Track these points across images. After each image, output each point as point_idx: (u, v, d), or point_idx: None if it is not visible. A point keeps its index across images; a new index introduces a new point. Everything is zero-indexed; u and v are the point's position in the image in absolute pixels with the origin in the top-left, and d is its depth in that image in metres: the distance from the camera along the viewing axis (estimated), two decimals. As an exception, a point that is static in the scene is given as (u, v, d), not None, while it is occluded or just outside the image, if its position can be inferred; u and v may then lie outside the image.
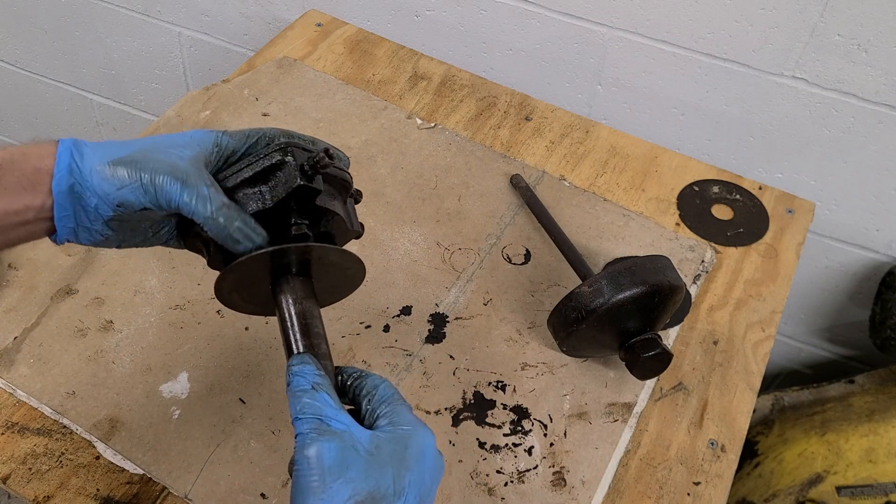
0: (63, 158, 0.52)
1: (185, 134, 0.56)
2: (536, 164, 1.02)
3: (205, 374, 0.77)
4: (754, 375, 0.83)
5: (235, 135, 0.57)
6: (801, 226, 0.99)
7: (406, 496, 0.46)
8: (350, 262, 0.59)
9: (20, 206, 0.51)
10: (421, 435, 0.49)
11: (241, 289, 0.57)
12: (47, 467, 0.70)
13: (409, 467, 0.47)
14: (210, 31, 1.42)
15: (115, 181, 0.51)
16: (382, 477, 0.46)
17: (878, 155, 1.06)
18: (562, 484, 0.73)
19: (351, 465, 0.45)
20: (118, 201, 0.52)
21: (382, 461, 0.46)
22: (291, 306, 0.55)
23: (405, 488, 0.46)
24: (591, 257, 0.91)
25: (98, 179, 0.51)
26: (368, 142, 1.02)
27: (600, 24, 1.10)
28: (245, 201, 0.55)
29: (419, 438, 0.48)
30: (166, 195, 0.51)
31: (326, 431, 0.46)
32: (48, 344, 0.78)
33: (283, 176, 0.55)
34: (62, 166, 0.52)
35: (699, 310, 0.89)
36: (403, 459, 0.47)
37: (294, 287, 0.56)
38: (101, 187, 0.51)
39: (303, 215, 0.56)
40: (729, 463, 0.76)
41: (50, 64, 1.67)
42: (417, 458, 0.47)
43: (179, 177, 0.52)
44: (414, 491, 0.46)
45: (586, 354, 0.82)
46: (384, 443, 0.47)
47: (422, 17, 1.22)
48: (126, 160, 0.52)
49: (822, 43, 0.99)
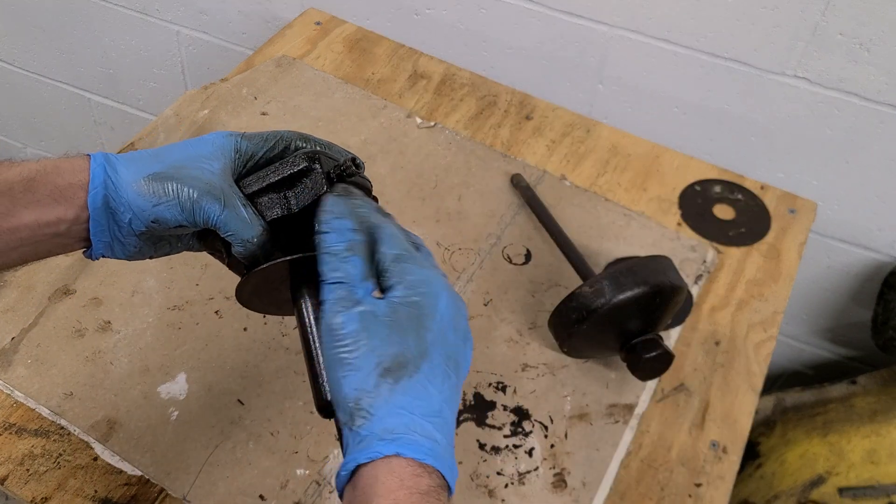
0: (97, 173, 0.52)
1: (207, 141, 0.56)
2: (537, 163, 1.02)
3: (203, 375, 0.77)
4: (756, 376, 0.83)
5: (254, 138, 0.57)
6: (803, 226, 0.98)
7: (430, 356, 0.46)
8: None
9: (52, 218, 0.51)
10: (436, 291, 0.49)
11: (262, 292, 0.59)
12: (45, 468, 0.70)
13: (428, 327, 0.47)
14: (208, 29, 1.42)
15: (152, 198, 0.52)
16: (404, 340, 0.46)
17: (880, 154, 1.05)
18: (562, 485, 0.72)
19: (373, 333, 0.46)
20: (153, 217, 0.52)
21: (402, 326, 0.47)
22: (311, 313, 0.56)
23: (428, 348, 0.47)
24: (592, 257, 0.91)
25: (133, 195, 0.51)
26: (368, 141, 1.02)
27: (601, 22, 1.10)
28: (270, 205, 0.56)
29: (435, 296, 0.48)
30: (204, 214, 0.52)
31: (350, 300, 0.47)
32: (46, 344, 0.78)
33: (309, 182, 0.56)
34: (97, 181, 0.52)
35: (701, 310, 0.88)
36: (420, 319, 0.47)
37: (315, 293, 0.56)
38: (137, 203, 0.52)
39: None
40: (730, 464, 0.76)
41: (48, 63, 1.67)
42: (437, 317, 0.48)
43: (217, 196, 0.52)
44: (438, 350, 0.47)
45: (587, 355, 0.81)
46: (400, 307, 0.47)
47: (421, 15, 1.22)
48: (162, 176, 0.52)
49: (824, 42, 0.99)
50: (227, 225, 0.52)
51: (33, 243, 0.52)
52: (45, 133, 1.85)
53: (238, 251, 0.54)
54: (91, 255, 0.55)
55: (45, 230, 0.51)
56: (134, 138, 0.98)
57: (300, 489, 0.70)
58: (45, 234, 0.52)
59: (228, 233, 0.53)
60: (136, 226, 0.53)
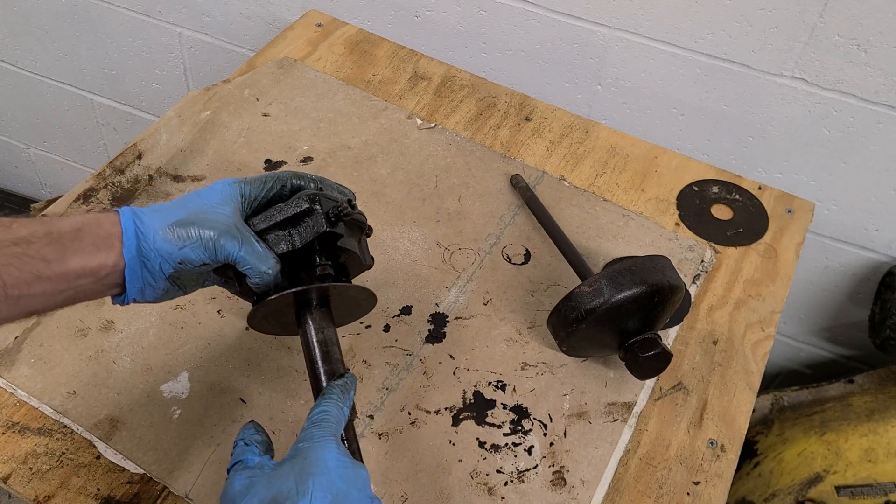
0: (128, 225, 0.59)
1: (215, 190, 0.63)
2: (536, 164, 1.02)
3: (205, 374, 0.77)
4: (754, 375, 0.83)
5: (254, 182, 0.65)
6: (801, 226, 0.99)
7: (312, 495, 0.51)
8: (363, 296, 0.70)
9: (95, 265, 0.57)
10: (319, 446, 0.54)
11: (271, 318, 0.68)
12: (48, 467, 0.70)
13: (312, 472, 0.52)
14: (210, 31, 1.42)
15: (178, 241, 0.59)
16: (284, 483, 0.52)
17: (877, 155, 1.06)
18: (561, 483, 0.73)
19: (256, 483, 0.53)
20: (180, 259, 0.59)
21: (284, 472, 0.53)
22: (314, 335, 0.65)
23: (309, 488, 0.51)
24: (591, 257, 0.91)
25: (161, 241, 0.59)
26: (368, 142, 1.02)
27: (600, 24, 1.10)
28: (276, 241, 0.65)
29: (316, 450, 0.54)
30: (225, 251, 0.60)
31: (242, 467, 0.55)
32: (49, 344, 0.79)
33: (311, 222, 0.65)
34: (129, 232, 0.58)
35: (699, 310, 0.89)
36: (304, 467, 0.53)
37: (316, 318, 0.66)
38: (164, 247, 0.59)
39: (325, 254, 0.66)
40: (728, 462, 0.76)
41: (50, 64, 1.67)
42: (318, 464, 0.53)
43: (234, 235, 0.61)
44: (321, 492, 0.51)
45: (586, 354, 0.82)
46: (287, 460, 0.54)
47: (422, 17, 1.22)
48: (184, 222, 0.60)
49: (821, 43, 0.99)
50: (245, 259, 0.61)
51: (76, 288, 0.57)
52: (48, 134, 1.86)
53: (255, 283, 0.62)
54: (123, 301, 0.61)
55: (88, 276, 0.57)
56: (136, 139, 0.99)
57: (301, 487, 0.71)
58: (87, 280, 0.57)
59: (247, 266, 0.61)
60: (165, 269, 0.60)
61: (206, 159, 0.98)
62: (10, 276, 0.53)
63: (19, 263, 0.53)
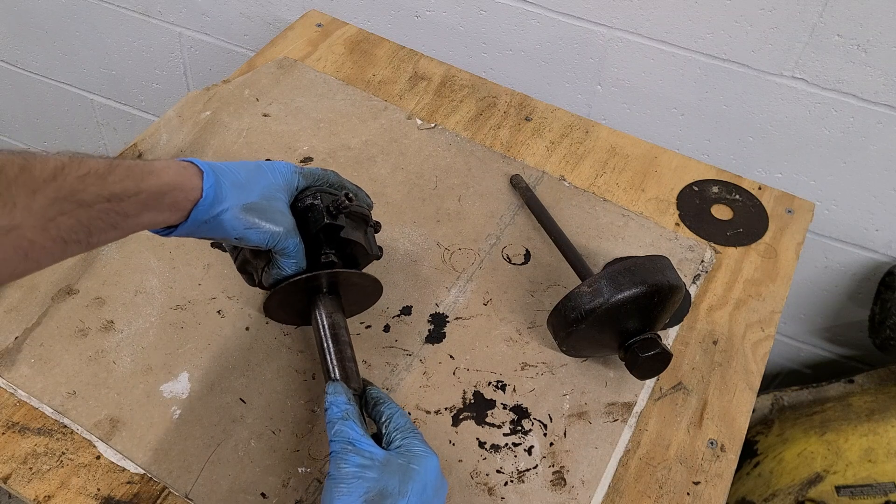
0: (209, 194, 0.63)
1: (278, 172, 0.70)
2: (536, 164, 1.02)
3: (205, 374, 0.77)
4: (754, 375, 0.84)
5: (308, 177, 0.72)
6: (801, 226, 0.99)
7: (409, 497, 0.58)
8: (369, 282, 0.76)
9: (161, 220, 0.61)
10: (425, 458, 0.61)
11: (285, 305, 0.74)
12: (48, 467, 0.70)
13: (413, 478, 0.59)
14: (210, 31, 1.42)
15: (246, 223, 0.65)
16: (390, 480, 0.58)
17: (877, 155, 1.06)
18: (561, 483, 0.73)
19: (367, 470, 0.58)
20: (240, 236, 0.65)
21: (392, 470, 0.59)
22: (324, 318, 0.71)
23: (408, 492, 0.58)
24: (591, 257, 0.91)
25: (230, 218, 0.64)
26: (368, 142, 1.03)
27: (600, 24, 1.11)
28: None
29: (424, 460, 0.61)
30: (283, 244, 0.67)
31: (352, 450, 0.59)
32: (49, 344, 0.79)
33: (313, 216, 0.71)
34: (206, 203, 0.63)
35: (699, 310, 0.89)
36: (408, 471, 0.59)
37: (325, 303, 0.72)
38: (231, 224, 0.64)
39: (331, 245, 0.73)
40: (728, 462, 0.76)
41: (50, 64, 1.68)
42: (420, 473, 0.60)
43: (294, 235, 0.68)
44: (416, 496, 0.58)
45: (586, 354, 0.82)
46: (394, 458, 0.60)
47: (422, 17, 1.22)
48: (255, 207, 0.66)
49: (821, 43, 0.99)
50: (295, 254, 0.69)
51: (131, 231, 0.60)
52: (47, 134, 1.86)
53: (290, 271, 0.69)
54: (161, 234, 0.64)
55: (150, 227, 0.61)
56: (136, 139, 0.99)
57: (302, 487, 0.71)
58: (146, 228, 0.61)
59: (291, 259, 0.69)
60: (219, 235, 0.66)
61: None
62: (95, 228, 0.56)
63: (106, 217, 0.56)
